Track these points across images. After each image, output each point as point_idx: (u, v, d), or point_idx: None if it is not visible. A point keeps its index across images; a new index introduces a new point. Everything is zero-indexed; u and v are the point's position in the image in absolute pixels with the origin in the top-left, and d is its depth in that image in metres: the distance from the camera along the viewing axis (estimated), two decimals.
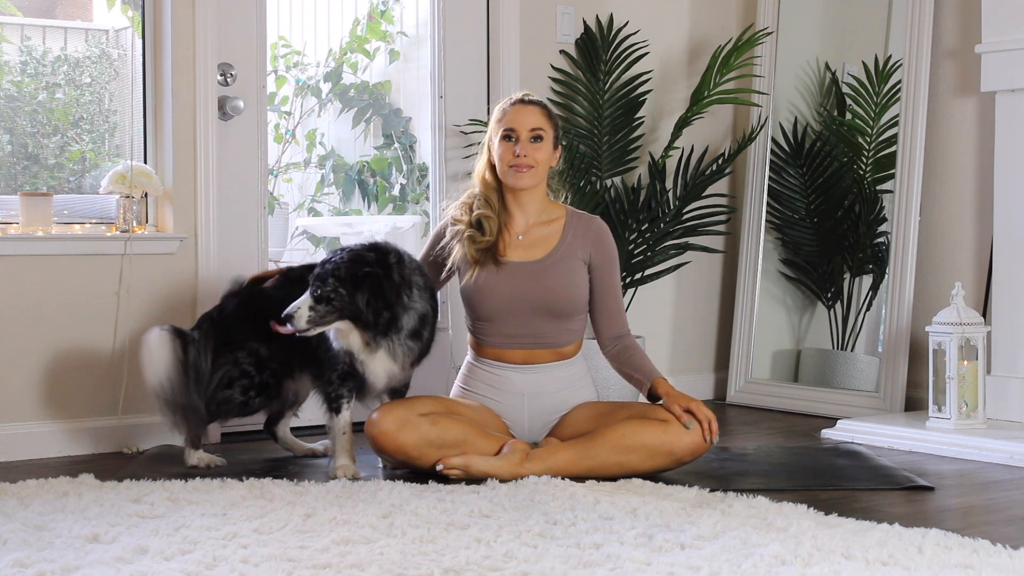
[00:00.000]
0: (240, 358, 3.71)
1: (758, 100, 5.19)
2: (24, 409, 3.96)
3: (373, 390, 3.61)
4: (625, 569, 2.53)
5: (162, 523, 2.90)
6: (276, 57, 6.43)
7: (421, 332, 3.55)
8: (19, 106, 4.40)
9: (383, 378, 3.56)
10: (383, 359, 3.52)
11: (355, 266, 3.44)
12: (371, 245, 3.54)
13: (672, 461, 3.54)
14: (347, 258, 3.46)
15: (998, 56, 4.36)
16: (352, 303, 3.43)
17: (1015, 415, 4.29)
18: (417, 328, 3.53)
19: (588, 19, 4.98)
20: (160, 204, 4.25)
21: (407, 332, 3.51)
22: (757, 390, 5.17)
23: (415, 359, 3.60)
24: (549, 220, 3.77)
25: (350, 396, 3.60)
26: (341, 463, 3.56)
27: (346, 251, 3.50)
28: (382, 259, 3.48)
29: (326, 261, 3.49)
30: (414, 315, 3.52)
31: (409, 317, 3.51)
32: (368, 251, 3.50)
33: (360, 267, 3.44)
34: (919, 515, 3.16)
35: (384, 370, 3.54)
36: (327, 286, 3.43)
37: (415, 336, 3.54)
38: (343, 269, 3.43)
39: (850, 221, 5.10)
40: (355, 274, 3.42)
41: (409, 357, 3.56)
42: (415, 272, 3.56)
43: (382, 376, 3.56)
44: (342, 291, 3.43)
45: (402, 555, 2.61)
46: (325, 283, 3.43)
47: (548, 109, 3.77)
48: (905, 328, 4.71)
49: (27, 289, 3.97)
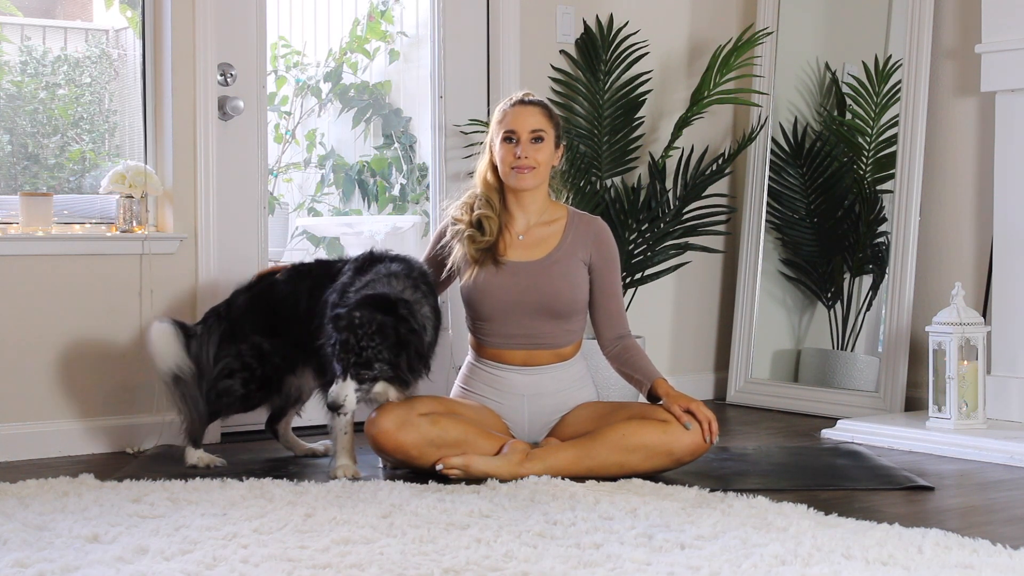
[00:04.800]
0: (243, 350, 3.73)
1: (758, 100, 5.19)
2: (24, 409, 3.96)
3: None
4: (625, 569, 2.53)
5: (162, 523, 2.90)
6: (276, 57, 6.43)
7: (426, 355, 3.55)
8: (19, 106, 4.40)
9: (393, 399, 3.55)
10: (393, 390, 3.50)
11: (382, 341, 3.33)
12: (372, 300, 3.41)
13: (672, 461, 3.54)
14: (372, 331, 3.33)
15: (998, 56, 4.36)
16: (397, 374, 3.40)
17: (1015, 415, 4.29)
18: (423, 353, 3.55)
19: (588, 19, 4.98)
20: (160, 204, 4.25)
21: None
22: (757, 390, 5.17)
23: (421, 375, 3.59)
24: (550, 220, 3.76)
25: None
26: (342, 463, 3.55)
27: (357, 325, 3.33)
28: (396, 319, 3.38)
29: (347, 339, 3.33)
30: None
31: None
32: (376, 313, 3.37)
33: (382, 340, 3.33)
34: (919, 515, 3.16)
35: (395, 395, 3.52)
36: (370, 370, 3.36)
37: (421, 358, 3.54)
38: (380, 350, 3.33)
39: (850, 221, 5.10)
40: (393, 357, 3.34)
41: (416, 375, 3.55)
42: (418, 302, 3.51)
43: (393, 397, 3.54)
44: (384, 367, 3.37)
45: (402, 555, 2.61)
46: (364, 366, 3.35)
47: (549, 109, 3.77)
48: (905, 328, 4.71)
49: (27, 289, 3.97)
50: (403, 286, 3.51)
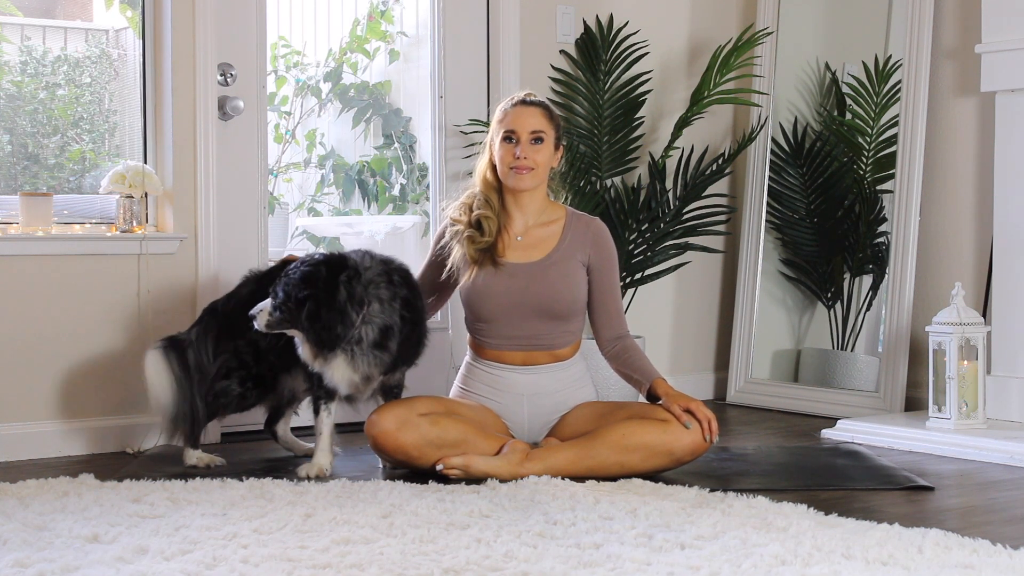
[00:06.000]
0: (240, 346, 3.73)
1: (758, 100, 5.19)
2: (24, 409, 3.96)
3: (338, 395, 3.62)
4: (625, 569, 2.53)
5: (162, 523, 2.90)
6: (276, 57, 6.43)
7: (385, 343, 3.53)
8: (19, 106, 4.40)
9: (344, 385, 3.57)
10: (341, 367, 3.53)
11: (299, 287, 3.48)
12: (334, 257, 3.57)
13: (672, 461, 3.54)
14: (297, 276, 3.50)
15: (998, 56, 4.36)
16: (296, 319, 3.49)
17: (1015, 415, 4.29)
18: (379, 340, 3.52)
19: (588, 19, 4.98)
20: (160, 204, 4.25)
21: (369, 343, 3.51)
22: (757, 390, 5.17)
23: (387, 367, 3.58)
24: (548, 221, 3.76)
25: (328, 398, 3.62)
26: (314, 460, 3.59)
27: (301, 266, 3.53)
28: (330, 277, 3.50)
29: (289, 270, 3.54)
30: (374, 328, 3.51)
31: (369, 330, 3.50)
32: (323, 264, 3.52)
33: (302, 289, 3.47)
34: (919, 515, 3.16)
35: (342, 377, 3.54)
36: (278, 297, 3.50)
37: (379, 347, 3.53)
38: (291, 287, 3.49)
39: (850, 221, 5.10)
40: (297, 295, 3.47)
41: (377, 366, 3.55)
42: (379, 285, 3.54)
43: (341, 384, 3.57)
44: (290, 305, 3.48)
45: (402, 555, 2.61)
46: (278, 295, 3.51)
47: (550, 110, 3.76)
48: (905, 328, 4.71)
49: (27, 289, 3.97)
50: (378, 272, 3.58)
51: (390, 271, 3.60)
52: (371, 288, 3.53)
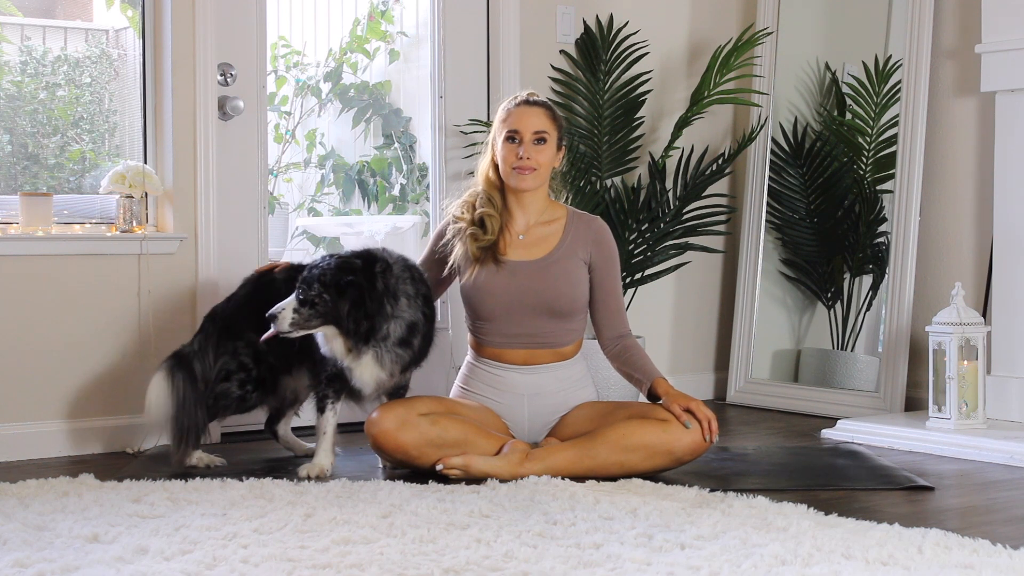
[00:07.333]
0: (239, 348, 3.72)
1: (758, 100, 5.19)
2: (24, 409, 3.96)
3: (362, 395, 3.61)
4: (625, 569, 2.53)
5: (162, 523, 2.90)
6: (276, 57, 6.43)
7: (410, 340, 3.54)
8: (19, 106, 4.40)
9: (371, 384, 3.56)
10: (370, 365, 3.52)
11: (340, 273, 3.45)
12: (361, 252, 3.55)
13: (672, 461, 3.54)
14: (334, 264, 3.47)
15: (998, 56, 4.36)
16: (335, 309, 3.44)
17: (1015, 415, 4.29)
18: (405, 336, 3.52)
19: (588, 19, 4.98)
20: (160, 204, 4.25)
21: (395, 340, 3.51)
22: (757, 390, 5.17)
23: (406, 365, 3.58)
24: (550, 220, 3.77)
25: (336, 398, 3.61)
26: (315, 460, 3.57)
27: (334, 257, 3.51)
28: (367, 267, 3.49)
29: (314, 265, 3.50)
30: (401, 324, 3.51)
31: (396, 325, 3.50)
32: (356, 258, 3.51)
33: (345, 275, 3.44)
34: (919, 515, 3.16)
35: (371, 376, 3.54)
36: (312, 290, 3.45)
37: (404, 344, 3.53)
38: (329, 275, 3.45)
39: (850, 221, 5.10)
40: (339, 281, 3.43)
41: (398, 364, 3.55)
42: (405, 281, 3.55)
43: (369, 382, 3.56)
44: (326, 296, 3.44)
45: (402, 555, 2.61)
46: (311, 287, 3.45)
47: (553, 110, 3.77)
48: (905, 328, 4.71)
49: (27, 289, 3.97)
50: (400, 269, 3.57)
51: (410, 267, 3.61)
52: (399, 283, 3.53)
